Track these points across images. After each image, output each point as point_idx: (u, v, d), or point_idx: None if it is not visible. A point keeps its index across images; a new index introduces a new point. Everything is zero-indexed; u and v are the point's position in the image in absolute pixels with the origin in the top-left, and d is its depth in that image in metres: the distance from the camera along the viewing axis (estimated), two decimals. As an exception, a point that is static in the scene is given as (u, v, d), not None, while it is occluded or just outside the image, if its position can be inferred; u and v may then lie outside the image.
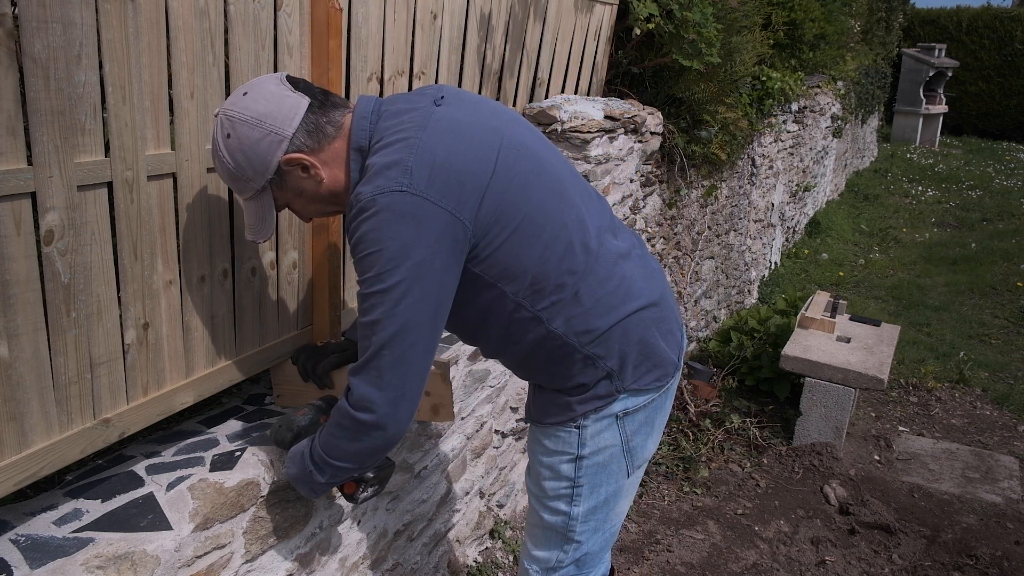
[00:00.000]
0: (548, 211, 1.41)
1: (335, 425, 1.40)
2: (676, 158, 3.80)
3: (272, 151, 1.32)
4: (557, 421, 1.55)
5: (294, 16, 1.64)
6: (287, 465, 1.52)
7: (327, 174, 1.38)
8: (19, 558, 1.24)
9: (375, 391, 1.34)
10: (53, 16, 1.16)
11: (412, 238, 1.26)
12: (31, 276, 1.21)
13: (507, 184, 1.35)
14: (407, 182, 1.26)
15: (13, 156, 1.15)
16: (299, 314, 1.87)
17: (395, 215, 1.25)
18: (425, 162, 1.28)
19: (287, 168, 1.35)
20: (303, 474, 1.48)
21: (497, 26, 2.47)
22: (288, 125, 1.32)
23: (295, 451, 1.51)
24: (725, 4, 3.67)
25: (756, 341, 4.18)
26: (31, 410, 1.26)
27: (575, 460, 1.57)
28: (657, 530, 2.95)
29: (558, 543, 1.65)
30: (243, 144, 1.32)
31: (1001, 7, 15.03)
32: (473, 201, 1.31)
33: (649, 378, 1.54)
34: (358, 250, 1.30)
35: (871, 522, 3.05)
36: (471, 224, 1.32)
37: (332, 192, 1.40)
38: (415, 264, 1.27)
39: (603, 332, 1.47)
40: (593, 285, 1.45)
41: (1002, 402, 4.28)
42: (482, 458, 2.53)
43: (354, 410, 1.36)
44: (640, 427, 1.58)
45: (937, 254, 7.28)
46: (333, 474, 1.45)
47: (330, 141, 1.37)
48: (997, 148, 13.95)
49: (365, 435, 1.37)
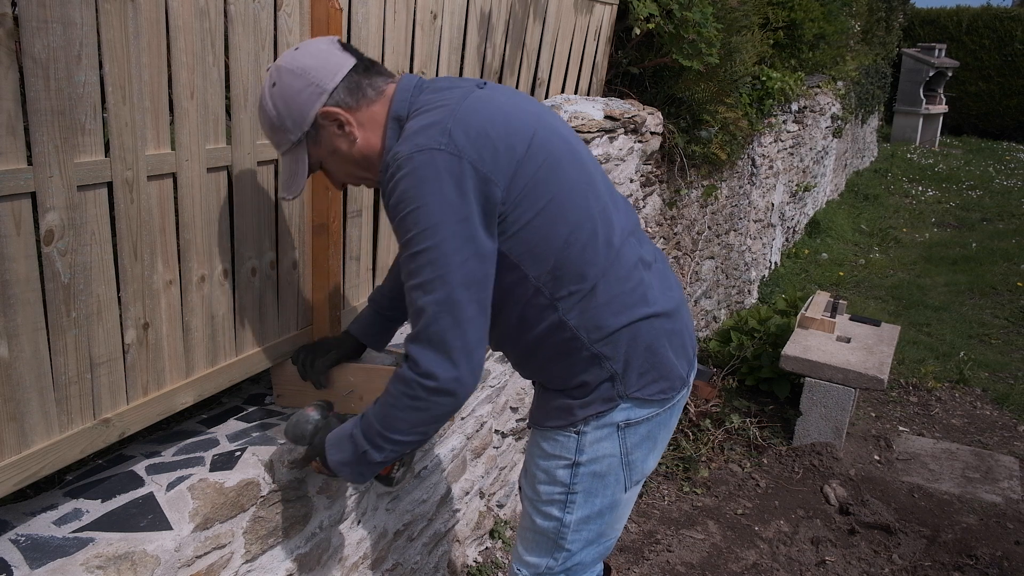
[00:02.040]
0: (576, 198, 1.41)
1: (397, 397, 1.35)
2: (676, 158, 3.80)
3: (311, 102, 1.35)
4: (557, 425, 1.54)
5: (294, 16, 1.64)
6: (330, 453, 1.45)
7: (361, 135, 1.40)
8: (19, 558, 1.24)
9: (438, 356, 1.30)
10: (53, 16, 1.16)
11: (452, 195, 1.27)
12: (31, 276, 1.21)
13: (539, 164, 1.36)
14: (445, 141, 1.28)
15: (13, 156, 1.15)
16: (299, 314, 1.87)
17: (434, 171, 1.27)
18: (463, 126, 1.30)
19: (323, 123, 1.38)
20: (354, 457, 1.42)
21: (497, 25, 2.47)
22: (330, 80, 1.35)
23: (337, 436, 1.46)
24: (725, 4, 3.67)
25: (756, 341, 4.18)
26: (31, 410, 1.26)
27: (571, 466, 1.55)
28: (657, 530, 2.95)
29: (549, 550, 1.63)
30: (285, 93, 1.36)
31: (1001, 7, 15.05)
32: (507, 170, 1.32)
33: (654, 389, 1.51)
34: (398, 209, 1.29)
35: (871, 522, 3.05)
36: (503, 192, 1.32)
37: (364, 155, 1.42)
38: (458, 220, 1.27)
39: (613, 332, 1.46)
40: (611, 282, 1.45)
41: (1002, 402, 4.28)
42: (482, 458, 2.53)
43: (420, 378, 1.31)
44: (642, 441, 1.55)
45: (937, 254, 7.28)
46: (393, 449, 1.39)
47: (368, 103, 1.39)
48: (997, 148, 13.95)
49: (433, 403, 1.33)
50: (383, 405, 1.39)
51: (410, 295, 1.32)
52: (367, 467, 1.43)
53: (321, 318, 1.90)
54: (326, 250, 1.84)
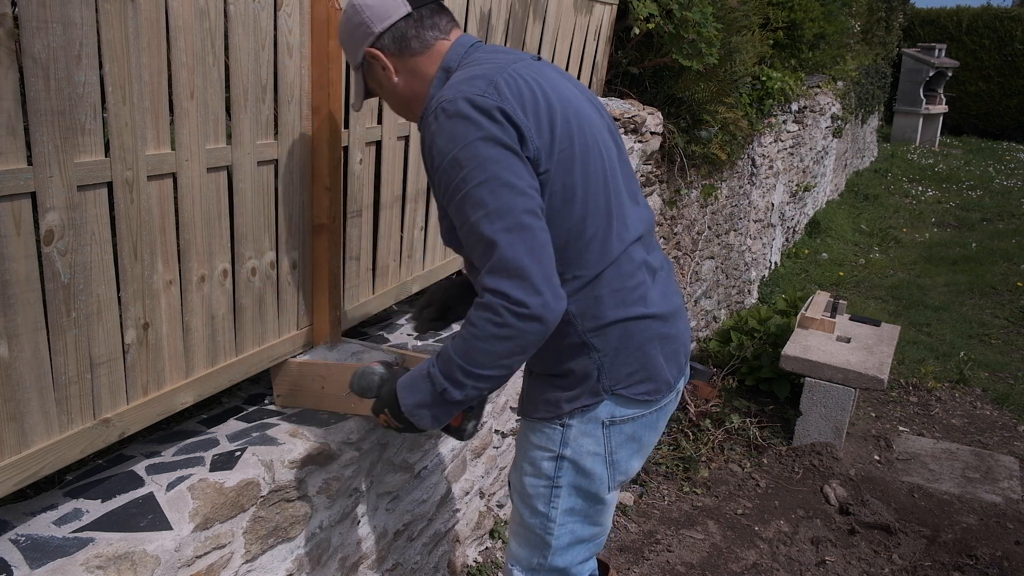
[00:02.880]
0: (598, 186, 1.44)
1: (482, 327, 1.31)
2: (676, 158, 3.80)
3: (362, 39, 1.48)
4: (544, 416, 1.55)
5: (294, 16, 1.64)
6: (403, 397, 1.42)
7: (401, 81, 1.49)
8: (19, 558, 1.24)
9: (521, 284, 1.27)
10: (53, 16, 1.16)
11: (498, 135, 1.31)
12: (31, 276, 1.21)
13: (569, 143, 1.40)
14: (490, 91, 1.33)
15: (13, 156, 1.15)
16: (299, 314, 1.87)
17: (479, 115, 1.31)
18: (508, 84, 1.36)
19: (369, 60, 1.49)
20: (431, 397, 1.39)
21: (497, 25, 2.47)
22: (379, 24, 1.45)
23: (411, 378, 1.43)
24: (725, 4, 3.67)
25: (756, 341, 4.18)
26: (31, 410, 1.26)
27: (556, 459, 1.56)
28: (657, 530, 2.95)
29: (536, 545, 1.64)
30: (347, 23, 1.50)
31: (1001, 7, 15.05)
32: (542, 136, 1.36)
33: (639, 389, 1.52)
34: (446, 151, 1.32)
35: (871, 522, 3.05)
36: (534, 152, 1.35)
37: (405, 98, 1.52)
38: (509, 155, 1.31)
39: (607, 324, 1.47)
40: (614, 276, 1.47)
41: (1002, 402, 4.28)
42: (482, 458, 2.53)
43: (511, 305, 1.27)
44: (626, 441, 1.56)
45: (937, 254, 7.28)
46: (475, 386, 1.36)
47: (412, 54, 1.47)
48: (997, 148, 13.95)
49: (522, 331, 1.29)
50: (464, 339, 1.33)
51: (475, 230, 1.30)
52: (444, 408, 1.40)
53: (321, 318, 1.90)
54: (326, 250, 1.84)
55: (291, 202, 1.76)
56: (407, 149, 2.16)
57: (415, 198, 2.24)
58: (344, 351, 1.92)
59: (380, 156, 2.04)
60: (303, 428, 1.74)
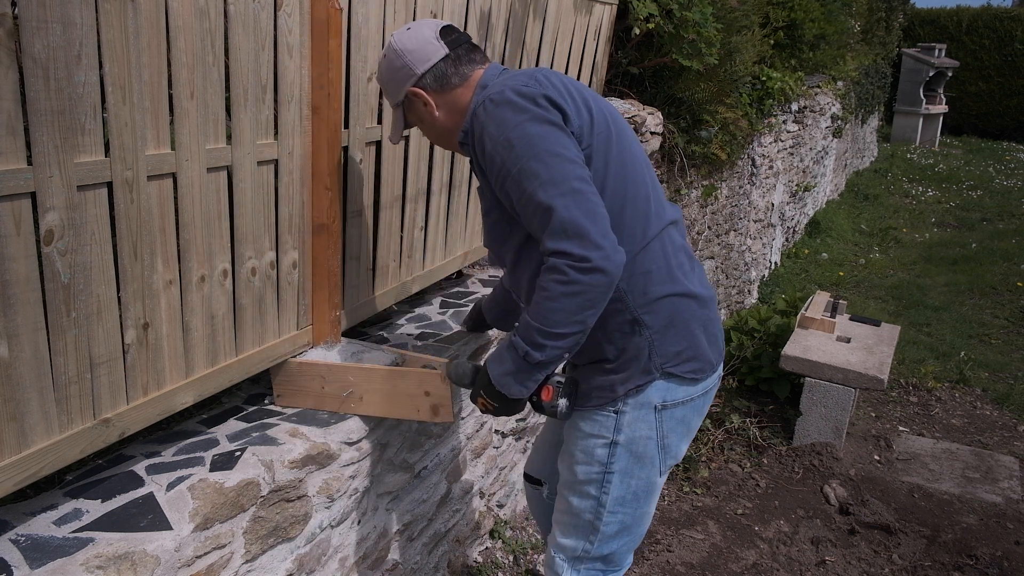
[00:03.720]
0: (639, 166, 1.57)
1: (551, 288, 1.38)
2: (676, 158, 3.80)
3: (404, 80, 1.59)
4: (597, 404, 1.60)
5: (294, 16, 1.64)
6: (491, 368, 1.52)
7: (442, 115, 1.61)
8: (19, 558, 1.24)
9: (582, 242, 1.35)
10: (53, 16, 1.16)
11: (546, 115, 1.43)
12: (31, 276, 1.21)
13: (607, 125, 1.52)
14: (532, 83, 1.46)
15: (13, 156, 1.15)
16: (299, 314, 1.87)
17: (526, 100, 1.43)
18: (548, 78, 1.50)
19: (412, 98, 1.61)
20: (516, 363, 1.47)
21: (497, 24, 2.47)
22: (421, 66, 1.57)
23: (497, 352, 1.53)
24: (725, 4, 3.67)
25: (756, 341, 4.18)
26: (31, 410, 1.26)
27: (610, 445, 1.61)
28: (657, 530, 2.95)
29: (584, 531, 1.68)
30: (389, 66, 1.62)
31: (1001, 7, 15.05)
32: (583, 119, 1.49)
33: (687, 367, 1.58)
34: (497, 135, 1.43)
35: (871, 522, 3.05)
36: (578, 129, 1.47)
37: (445, 129, 1.63)
38: (558, 132, 1.42)
39: (657, 299, 1.54)
40: (659, 251, 1.56)
41: (1002, 402, 4.28)
42: (482, 458, 2.53)
43: (573, 262, 1.35)
44: (677, 424, 1.62)
45: (937, 254, 7.28)
46: (554, 346, 1.43)
47: (452, 88, 1.59)
48: (997, 148, 13.95)
49: (588, 284, 1.36)
50: (537, 303, 1.42)
51: (532, 199, 1.40)
52: (529, 373, 1.48)
53: (321, 318, 1.90)
54: (326, 250, 1.84)
55: (291, 202, 1.76)
56: (407, 149, 2.16)
57: (415, 198, 2.24)
58: (344, 351, 1.92)
59: (380, 156, 2.04)
60: (303, 428, 1.74)
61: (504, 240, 1.60)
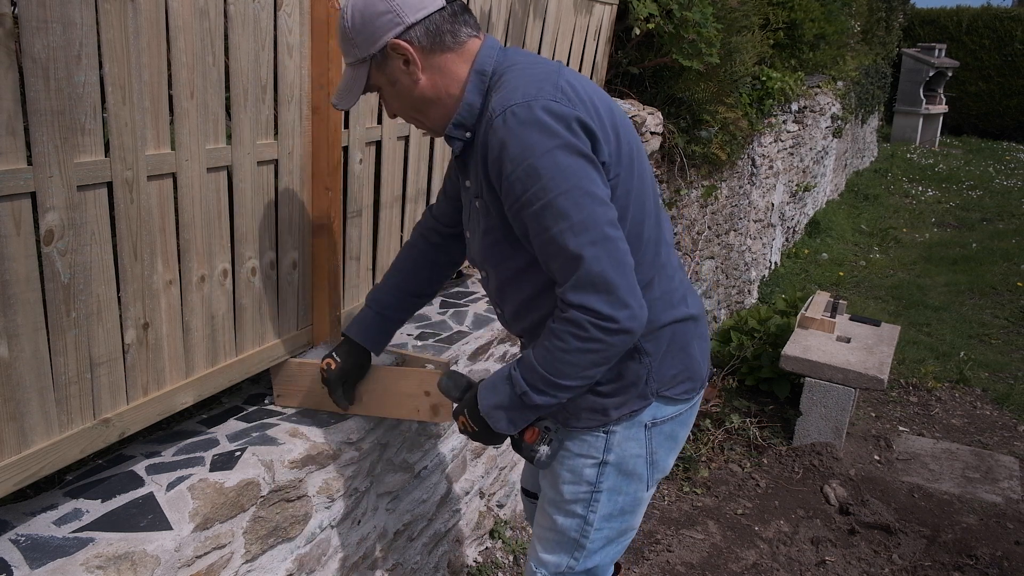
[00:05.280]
0: (648, 190, 1.45)
1: (567, 341, 1.30)
2: (676, 158, 3.80)
3: (386, 29, 1.33)
4: (587, 425, 1.52)
5: (294, 16, 1.64)
6: (482, 396, 1.44)
7: (425, 79, 1.37)
8: (19, 558, 1.24)
9: (609, 299, 1.27)
10: (53, 16, 1.16)
11: (575, 142, 1.27)
12: (31, 276, 1.21)
13: (625, 144, 1.39)
14: (560, 96, 1.29)
15: (13, 156, 1.15)
16: (299, 314, 1.87)
17: (554, 120, 1.26)
18: (573, 87, 1.33)
19: (392, 53, 1.34)
20: (511, 399, 1.39)
21: (497, 24, 2.47)
22: (412, 13, 1.33)
23: (492, 380, 1.44)
24: (725, 4, 3.67)
25: (756, 341, 4.18)
26: (31, 410, 1.26)
27: (599, 465, 1.55)
28: (657, 530, 2.95)
29: (569, 548, 1.62)
30: (367, 11, 1.33)
31: (1001, 7, 15.05)
32: (612, 142, 1.35)
33: (681, 389, 1.54)
34: (520, 159, 1.26)
35: (871, 522, 3.05)
36: (608, 158, 1.34)
37: (423, 98, 1.39)
38: (587, 164, 1.28)
39: (660, 327, 1.48)
40: (663, 278, 1.49)
41: (1002, 402, 4.28)
42: (482, 458, 2.53)
43: (598, 321, 1.27)
44: (666, 439, 1.57)
45: (937, 254, 7.28)
46: (555, 395, 1.37)
47: (443, 51, 1.36)
48: (997, 148, 13.95)
49: (609, 344, 1.30)
50: (548, 351, 1.33)
51: (557, 242, 1.28)
52: (521, 412, 1.41)
53: (321, 318, 1.90)
54: (326, 250, 1.84)
55: (291, 202, 1.76)
56: (407, 149, 2.16)
57: (415, 198, 2.24)
58: (344, 351, 1.92)
59: (380, 156, 2.04)
60: (303, 428, 1.74)
61: (501, 261, 1.47)
